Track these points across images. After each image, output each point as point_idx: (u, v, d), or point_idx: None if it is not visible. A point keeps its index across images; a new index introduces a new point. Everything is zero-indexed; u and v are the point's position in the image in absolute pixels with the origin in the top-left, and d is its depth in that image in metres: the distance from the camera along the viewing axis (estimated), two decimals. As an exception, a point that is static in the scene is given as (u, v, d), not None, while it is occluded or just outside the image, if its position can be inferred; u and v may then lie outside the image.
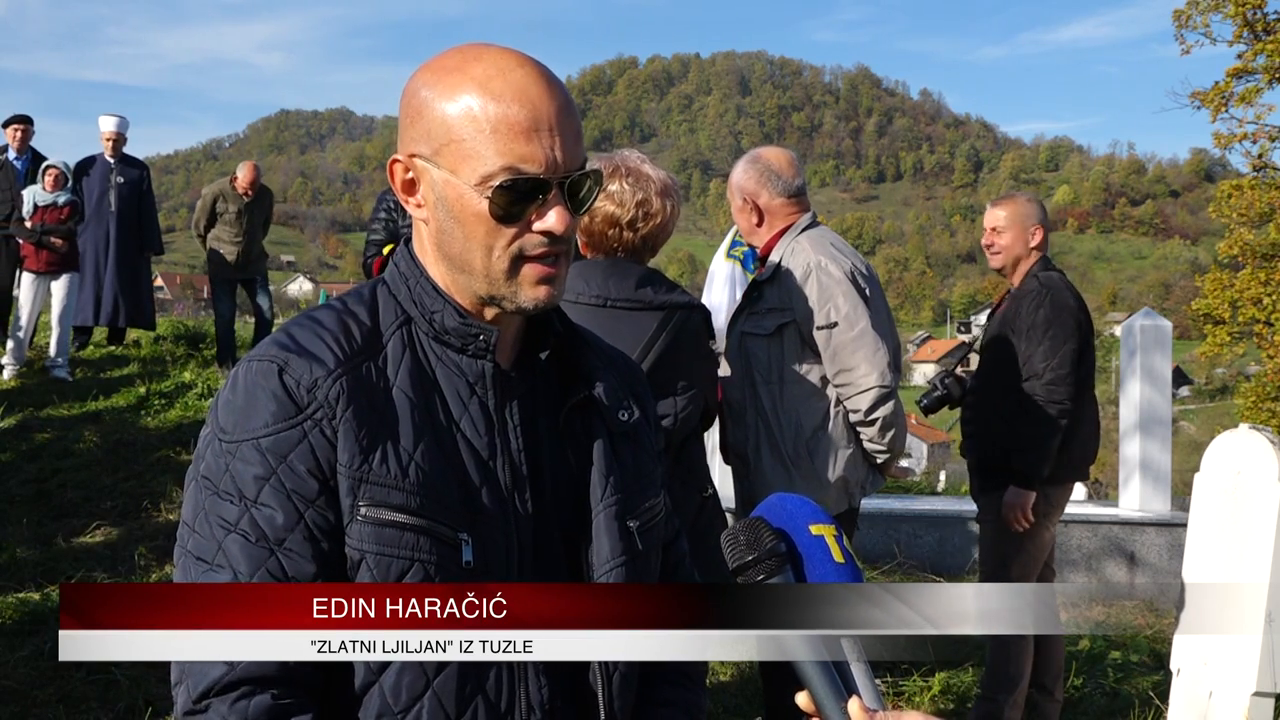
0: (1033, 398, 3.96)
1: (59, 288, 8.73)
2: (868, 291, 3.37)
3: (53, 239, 8.59)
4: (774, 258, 3.46)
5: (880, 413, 3.32)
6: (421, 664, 1.20)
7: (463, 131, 1.22)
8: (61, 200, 8.62)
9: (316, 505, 1.20)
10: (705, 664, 1.54)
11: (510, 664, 1.25)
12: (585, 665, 1.31)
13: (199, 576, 1.19)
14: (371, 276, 3.94)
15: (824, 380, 3.38)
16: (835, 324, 3.31)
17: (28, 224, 8.53)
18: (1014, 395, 4.01)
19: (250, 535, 1.18)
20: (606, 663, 1.31)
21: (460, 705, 1.22)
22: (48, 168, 8.63)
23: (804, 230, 3.47)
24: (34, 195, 8.55)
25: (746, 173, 3.51)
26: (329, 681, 1.22)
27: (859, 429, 3.38)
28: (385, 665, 1.20)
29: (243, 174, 9.81)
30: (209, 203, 9.68)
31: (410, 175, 1.29)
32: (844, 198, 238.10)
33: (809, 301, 3.34)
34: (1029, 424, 3.96)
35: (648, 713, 1.40)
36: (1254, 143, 21.48)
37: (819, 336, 3.34)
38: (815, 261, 3.35)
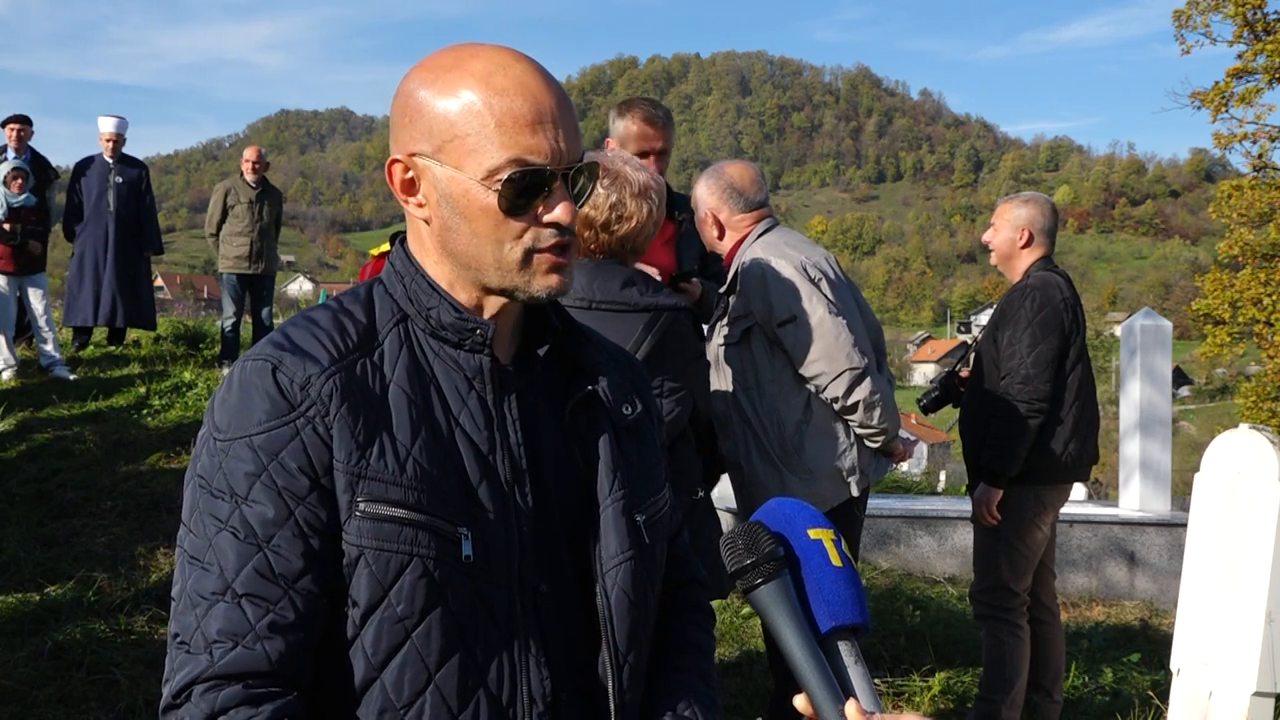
0: (1006, 395, 3.99)
1: (32, 290, 8.78)
2: (821, 282, 3.40)
3: (31, 241, 8.64)
4: (733, 268, 3.52)
5: (857, 394, 3.35)
6: (422, 659, 1.20)
7: (466, 126, 1.22)
8: (32, 202, 8.65)
9: (307, 502, 1.20)
10: (713, 639, 1.54)
11: (512, 657, 1.25)
12: (593, 658, 1.32)
13: (192, 575, 1.20)
14: None
15: (799, 376, 3.41)
16: (793, 318, 3.35)
17: (6, 227, 8.55)
18: (993, 392, 4.05)
19: (240, 532, 1.19)
20: (617, 654, 1.31)
21: (462, 700, 1.22)
22: (15, 170, 8.62)
23: (759, 237, 3.52)
24: (6, 197, 8.55)
25: (709, 189, 3.57)
26: (329, 679, 1.22)
27: (845, 416, 3.40)
28: (386, 661, 1.20)
29: (247, 153, 9.92)
30: (221, 197, 9.73)
31: (410, 175, 1.29)
32: (844, 198, 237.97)
33: (765, 302, 3.39)
34: (1000, 421, 4.00)
35: (661, 677, 1.41)
36: (1254, 143, 21.51)
37: (781, 334, 3.38)
38: (765, 262, 3.41)
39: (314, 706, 1.21)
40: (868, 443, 3.45)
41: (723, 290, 3.55)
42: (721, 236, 3.58)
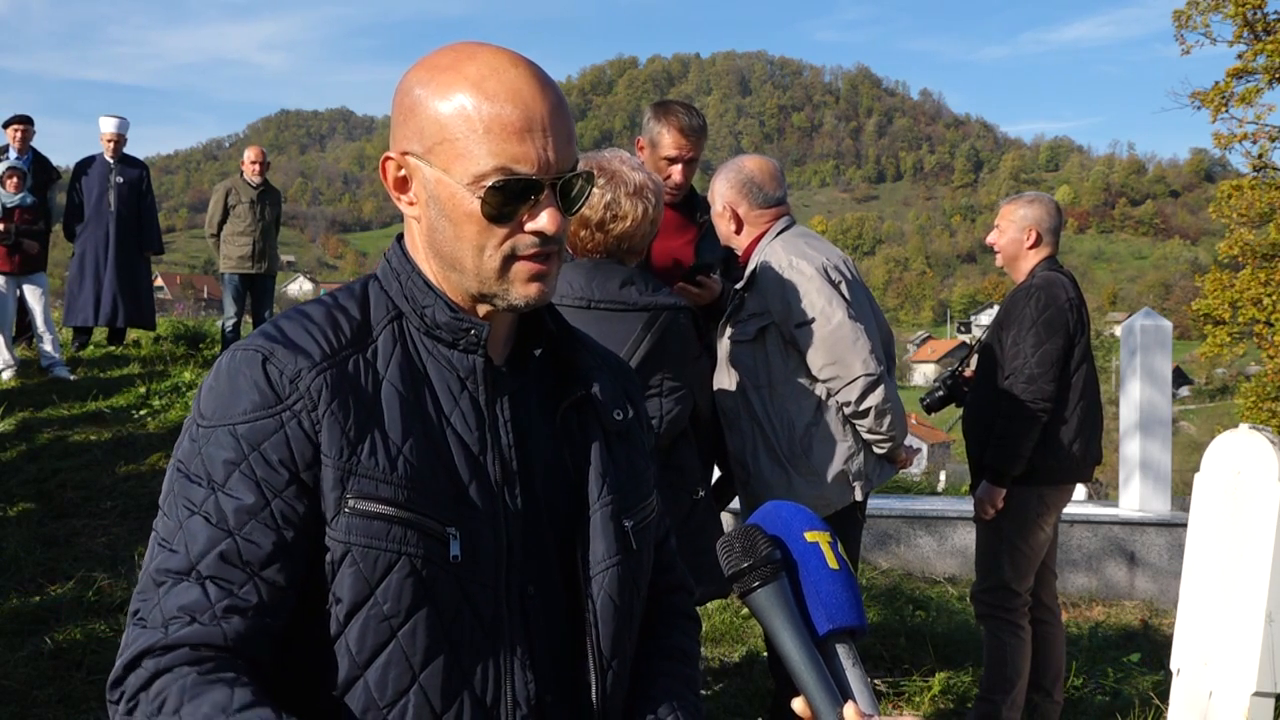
0: (1011, 394, 3.98)
1: (31, 289, 8.78)
2: (842, 285, 3.38)
3: (26, 240, 8.65)
4: (751, 264, 3.49)
5: (871, 401, 3.32)
6: (407, 658, 1.20)
7: (456, 131, 1.22)
8: (29, 201, 8.65)
9: (284, 495, 1.19)
10: (699, 645, 1.55)
11: (497, 659, 1.25)
12: (579, 661, 1.31)
13: (159, 556, 1.19)
14: None
15: (811, 378, 3.39)
16: (812, 320, 3.33)
17: (0, 226, 8.55)
18: (997, 391, 4.04)
19: (212, 517, 1.18)
20: (601, 658, 1.31)
21: (446, 700, 1.22)
22: (10, 169, 8.63)
23: (779, 234, 3.49)
24: (1, 197, 8.52)
25: (728, 181, 3.54)
26: (311, 676, 1.22)
27: (855, 421, 3.39)
28: (370, 660, 1.20)
29: (249, 154, 9.94)
30: (221, 197, 9.75)
31: (402, 172, 1.29)
32: (844, 198, 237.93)
33: (784, 302, 3.37)
34: (1004, 420, 3.99)
35: (645, 683, 1.40)
36: (1254, 143, 21.51)
37: (798, 335, 3.36)
38: (786, 262, 3.38)
39: (295, 703, 1.19)
40: (875, 448, 3.44)
41: (739, 286, 3.52)
42: (739, 231, 3.54)
